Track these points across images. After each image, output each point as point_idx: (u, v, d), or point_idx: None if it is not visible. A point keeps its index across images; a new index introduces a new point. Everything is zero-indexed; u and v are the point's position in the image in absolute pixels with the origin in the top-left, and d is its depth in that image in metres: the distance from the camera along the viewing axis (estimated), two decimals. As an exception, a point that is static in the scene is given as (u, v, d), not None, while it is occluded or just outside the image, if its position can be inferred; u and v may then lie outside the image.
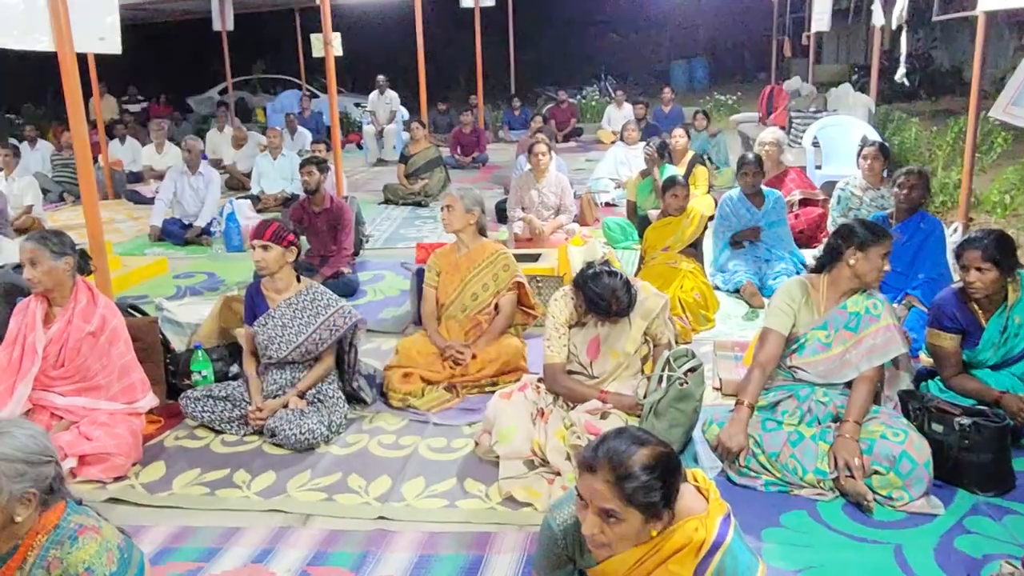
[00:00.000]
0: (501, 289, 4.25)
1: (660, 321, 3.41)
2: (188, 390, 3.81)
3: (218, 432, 3.70)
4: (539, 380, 3.49)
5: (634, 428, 1.87)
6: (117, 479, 3.31)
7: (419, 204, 9.17)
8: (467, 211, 4.23)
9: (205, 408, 3.70)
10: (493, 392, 3.59)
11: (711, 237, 5.85)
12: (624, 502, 1.75)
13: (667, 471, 1.79)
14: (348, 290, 5.71)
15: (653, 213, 5.90)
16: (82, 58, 4.86)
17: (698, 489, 1.96)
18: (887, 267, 3.12)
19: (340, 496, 3.15)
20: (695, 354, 3.28)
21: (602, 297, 3.19)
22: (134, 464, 3.41)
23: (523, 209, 6.74)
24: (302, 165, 6.08)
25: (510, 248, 6.01)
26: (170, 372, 4.06)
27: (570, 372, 3.42)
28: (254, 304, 3.79)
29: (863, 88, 11.72)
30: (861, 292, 3.16)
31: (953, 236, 5.14)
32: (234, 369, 4.13)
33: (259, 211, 8.29)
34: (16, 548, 1.85)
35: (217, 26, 14.00)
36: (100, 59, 9.86)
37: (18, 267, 3.73)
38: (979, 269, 3.28)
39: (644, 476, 1.74)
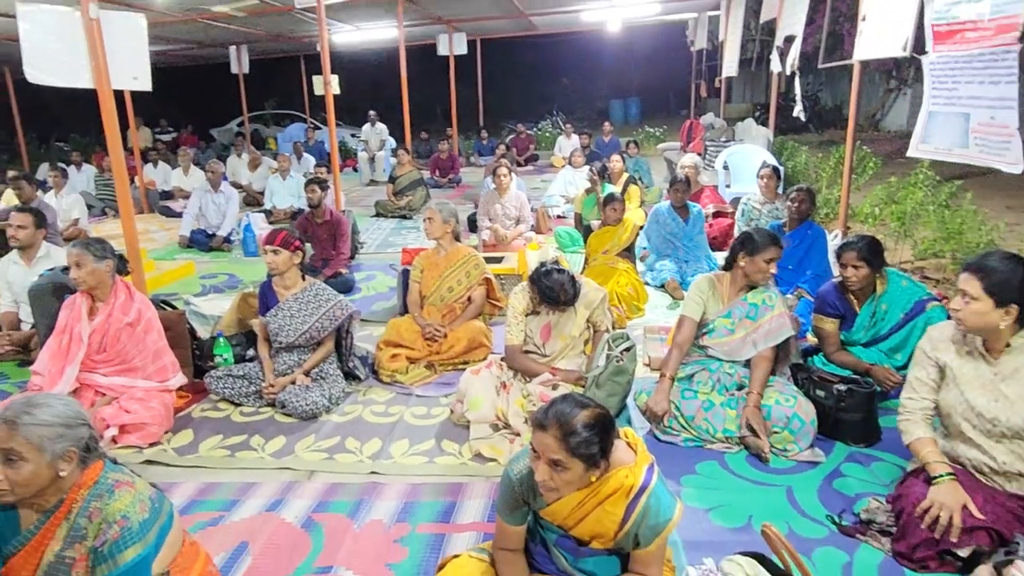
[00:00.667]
0: (473, 284, 4.27)
1: (600, 311, 3.44)
2: (211, 370, 3.76)
3: (237, 405, 3.67)
4: (502, 359, 3.50)
5: (577, 395, 1.89)
6: (152, 444, 3.28)
7: (404, 217, 9.12)
8: (444, 222, 4.25)
9: (226, 385, 3.66)
10: (465, 369, 3.59)
11: (642, 242, 5.89)
12: (569, 454, 1.77)
13: (603, 429, 1.80)
14: (346, 287, 5.67)
15: (595, 223, 5.92)
16: (119, 94, 4.76)
17: (628, 444, 1.97)
18: (772, 270, 3.14)
19: (339, 455, 3.14)
20: (629, 337, 3.32)
21: (552, 290, 3.24)
22: (166, 432, 3.38)
23: (490, 220, 6.74)
24: (307, 184, 6.02)
25: (480, 252, 6.03)
26: (196, 356, 4.00)
27: (527, 352, 3.44)
28: (267, 299, 3.76)
29: (763, 122, 11.89)
30: (759, 287, 3.22)
31: (834, 241, 5.23)
32: (250, 353, 4.08)
33: (271, 223, 8.18)
34: (62, 501, 1.82)
35: (235, 69, 13.82)
36: (135, 95, 9.65)
37: (66, 269, 3.65)
38: (855, 266, 3.36)
39: (585, 433, 1.76)
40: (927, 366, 2.42)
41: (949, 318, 3.39)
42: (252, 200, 10.36)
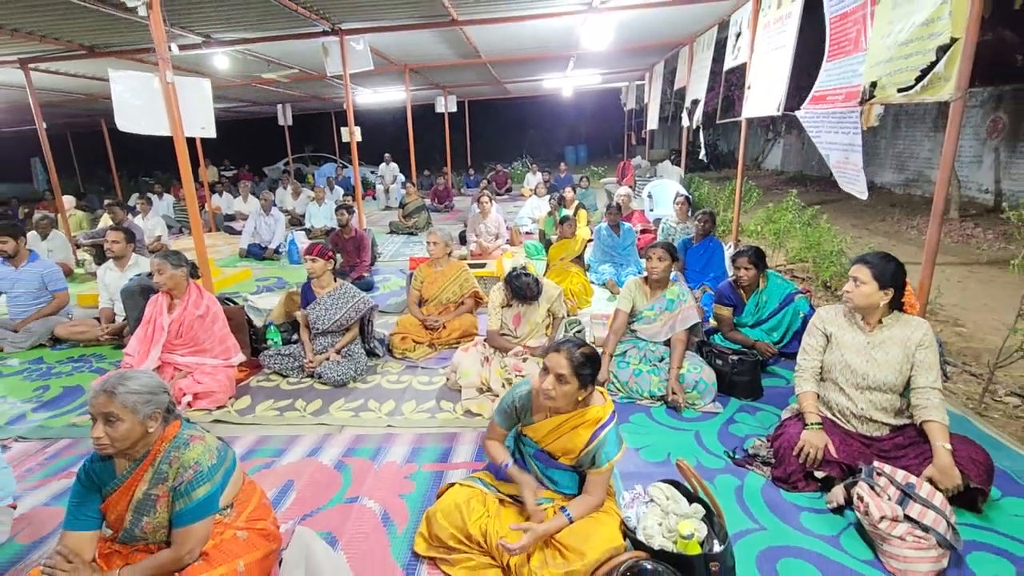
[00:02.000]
0: (464, 294, 4.23)
1: (558, 303, 3.45)
2: (264, 350, 3.70)
3: (284, 376, 3.60)
4: (485, 340, 3.49)
5: (577, 339, 1.99)
6: (219, 408, 3.21)
7: (411, 233, 9.01)
8: (445, 245, 4.20)
9: (276, 361, 3.60)
10: (457, 347, 3.56)
11: (589, 252, 5.91)
12: (572, 371, 1.90)
13: (593, 361, 1.93)
14: (367, 287, 5.60)
15: (554, 238, 5.93)
16: (191, 140, 4.64)
17: (601, 394, 2.05)
18: (658, 266, 3.12)
19: (363, 413, 3.10)
20: (580, 322, 3.34)
21: (521, 288, 3.25)
22: (230, 398, 3.30)
23: (475, 235, 6.71)
24: (338, 209, 5.94)
25: (468, 260, 6.00)
26: (252, 339, 3.91)
27: (503, 335, 3.43)
28: (307, 296, 3.70)
29: (677, 163, 12.01)
30: (673, 285, 3.24)
31: (729, 250, 5.29)
32: (294, 337, 4.01)
33: (310, 238, 8.05)
34: (148, 452, 1.78)
35: (281, 122, 13.54)
36: (204, 141, 9.44)
37: (150, 275, 3.55)
38: (746, 268, 3.40)
39: (582, 358, 1.91)
40: (817, 335, 2.42)
41: (811, 306, 3.48)
42: (295, 221, 10.18)
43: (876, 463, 2.12)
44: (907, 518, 1.93)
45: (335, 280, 3.71)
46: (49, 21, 5.06)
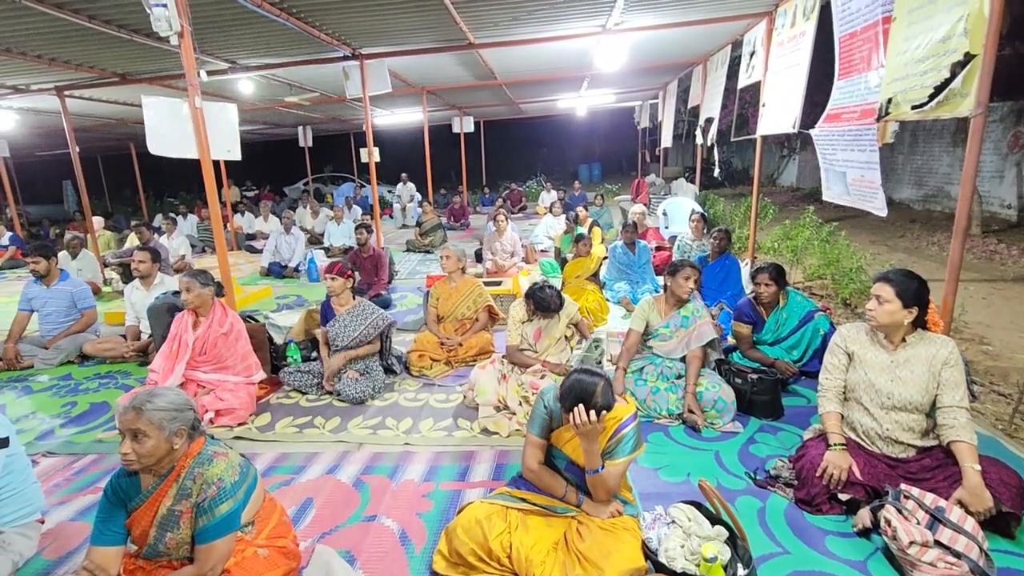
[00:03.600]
0: (478, 309, 4.25)
1: (577, 314, 3.49)
2: (284, 367, 3.73)
3: (304, 393, 3.63)
4: (503, 357, 3.48)
5: (589, 372, 1.97)
6: (240, 424, 3.24)
7: (428, 251, 9.08)
8: (458, 260, 4.24)
9: (295, 378, 3.63)
10: (474, 365, 3.57)
11: (605, 270, 5.90)
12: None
13: (610, 394, 1.94)
14: (385, 304, 5.64)
15: (570, 256, 5.93)
16: (216, 162, 4.76)
17: (624, 399, 2.10)
18: (690, 285, 3.11)
19: (381, 431, 3.11)
20: (600, 340, 3.35)
21: (545, 300, 3.28)
22: (251, 414, 3.34)
23: (491, 253, 6.75)
24: (357, 228, 6.02)
25: (484, 277, 6.03)
26: (273, 357, 3.95)
27: (522, 350, 3.43)
28: (327, 313, 3.73)
29: (691, 180, 12.00)
30: (689, 302, 3.23)
31: (745, 267, 5.25)
32: (313, 354, 4.05)
33: (329, 257, 8.17)
34: (172, 468, 1.80)
35: (302, 143, 13.81)
36: (228, 163, 9.68)
37: (176, 293, 3.63)
38: (766, 284, 3.36)
39: (602, 400, 1.91)
40: (839, 354, 2.38)
41: (831, 324, 3.43)
42: (315, 240, 10.34)
43: (903, 485, 2.06)
44: (937, 543, 1.87)
45: (353, 298, 3.75)
46: (85, 50, 5.27)
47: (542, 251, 8.32)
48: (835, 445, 2.27)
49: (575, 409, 1.90)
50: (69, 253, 6.52)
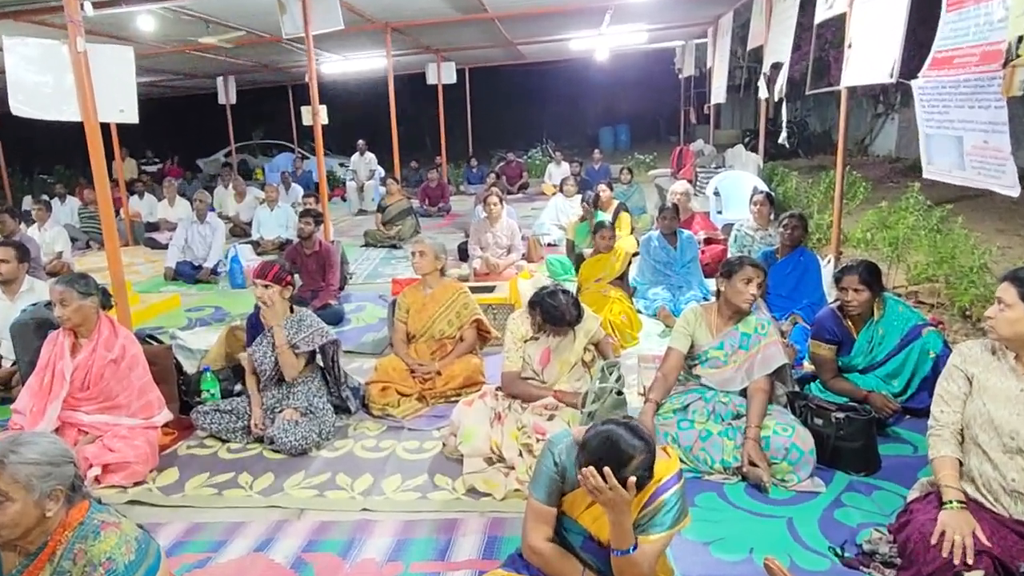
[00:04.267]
0: (463, 324, 4.27)
1: (598, 331, 3.52)
2: (198, 406, 3.73)
3: (224, 441, 3.63)
4: (497, 389, 3.49)
5: (626, 435, 1.93)
6: (136, 484, 3.23)
7: (394, 246, 9.12)
8: (436, 258, 4.26)
9: (213, 420, 3.63)
10: (458, 401, 3.57)
11: (635, 271, 5.92)
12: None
13: (650, 465, 1.93)
14: (335, 319, 5.65)
15: (587, 252, 5.97)
16: (105, 126, 4.78)
17: (666, 451, 2.09)
18: (751, 290, 3.13)
19: (330, 492, 3.11)
20: (618, 364, 3.36)
21: (557, 309, 3.27)
22: (151, 470, 3.33)
23: (481, 248, 6.77)
24: (303, 215, 6.05)
25: (472, 281, 6.04)
26: (182, 391, 3.96)
27: (525, 379, 3.45)
28: (255, 331, 3.74)
29: (753, 148, 12.05)
30: (750, 315, 3.23)
31: (827, 266, 5.27)
32: (237, 388, 4.05)
33: (259, 254, 8.15)
34: (46, 543, 1.79)
35: (222, 100, 13.91)
36: (121, 127, 9.68)
37: (49, 304, 3.63)
38: (855, 290, 3.38)
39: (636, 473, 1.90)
40: (957, 379, 2.39)
41: (945, 343, 3.44)
42: (239, 231, 10.36)
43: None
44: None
45: (291, 310, 3.76)
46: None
47: (549, 245, 8.36)
48: (951, 503, 2.26)
49: (593, 467, 1.88)
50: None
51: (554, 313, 3.29)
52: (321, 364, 3.90)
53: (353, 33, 9.30)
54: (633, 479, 1.87)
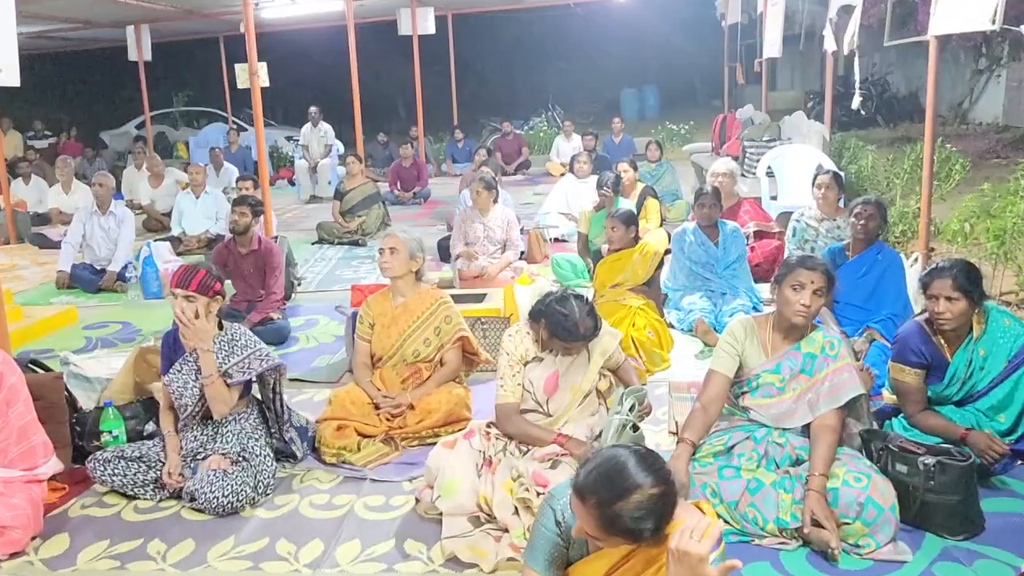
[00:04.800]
0: (445, 342, 4.25)
1: (616, 352, 3.51)
2: (97, 452, 3.69)
3: (131, 498, 3.58)
4: (488, 425, 3.47)
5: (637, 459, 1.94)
6: (13, 555, 3.18)
7: (355, 243, 9.13)
8: (411, 257, 4.23)
9: (116, 471, 3.59)
10: (436, 443, 3.54)
11: (666, 274, 5.91)
12: (609, 535, 1.92)
13: (658, 512, 1.90)
14: (278, 337, 5.65)
15: (605, 249, 5.94)
16: (-21, 90, 4.75)
17: (697, 507, 2.08)
18: (804, 300, 3.12)
19: (267, 564, 3.07)
20: (643, 392, 3.38)
21: (568, 318, 3.25)
22: (33, 538, 3.28)
23: (467, 245, 6.76)
24: (236, 204, 6.03)
25: (456, 288, 6.03)
26: (77, 433, 3.92)
27: (523, 411, 3.42)
28: (171, 354, 3.72)
29: (818, 115, 12.09)
30: (815, 330, 3.21)
31: (913, 267, 5.26)
32: (149, 427, 4.02)
33: (180, 254, 8.16)
34: None
35: (133, 56, 13.90)
36: (2, 92, 9.69)
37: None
38: (948, 299, 3.35)
39: (633, 522, 1.89)
40: None
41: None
42: (155, 225, 10.35)
43: None
44: None
45: (220, 327, 3.74)
46: None
47: (556, 241, 8.35)
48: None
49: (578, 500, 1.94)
50: None
51: (565, 324, 3.26)
52: (259, 397, 3.88)
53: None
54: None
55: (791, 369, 3.19)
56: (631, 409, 3.19)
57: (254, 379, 3.73)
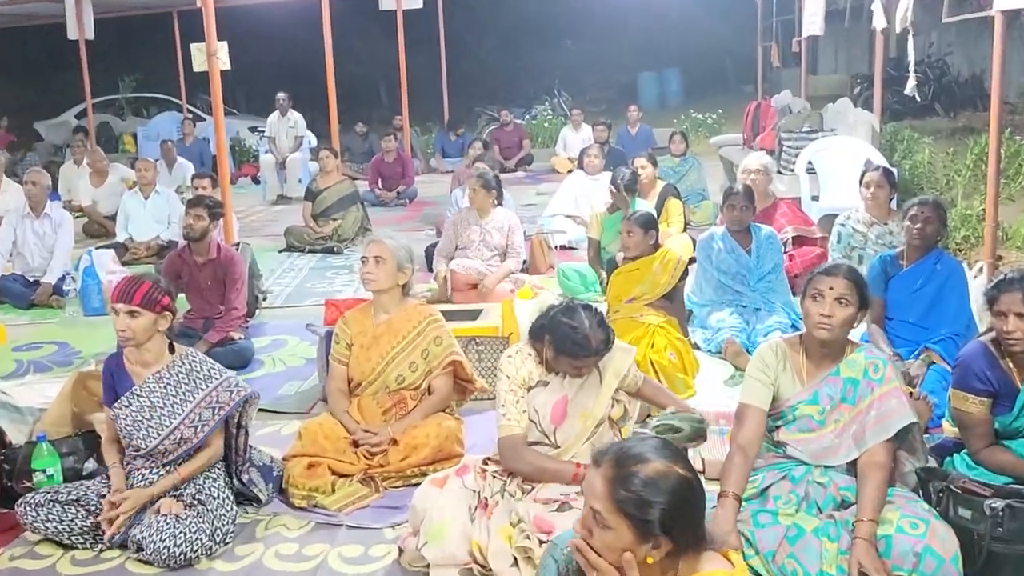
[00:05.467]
0: (434, 367, 4.25)
1: (632, 372, 3.51)
2: (28, 494, 3.68)
3: (67, 547, 3.56)
4: (485, 461, 3.46)
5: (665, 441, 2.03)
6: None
7: (330, 251, 9.14)
8: (399, 268, 4.23)
9: (50, 516, 3.57)
10: (420, 483, 3.53)
11: (691, 286, 5.91)
12: (614, 507, 1.92)
13: (676, 496, 1.92)
14: (240, 360, 5.65)
15: (620, 257, 5.94)
16: None
17: (725, 558, 2.08)
18: (820, 310, 3.12)
19: (226, 625, 3.07)
20: (698, 421, 3.38)
21: (577, 331, 3.26)
22: (-47, 594, 3.29)
23: (458, 250, 6.78)
24: (191, 205, 6.04)
25: (447, 304, 6.02)
26: (5, 472, 3.92)
27: (532, 445, 3.41)
28: (115, 381, 3.71)
29: (866, 103, 12.09)
30: (858, 351, 3.21)
31: (977, 278, 5.25)
32: (90, 466, 4.01)
33: (125, 263, 8.16)
34: None
35: (73, 34, 13.86)
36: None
37: None
38: (1019, 316, 3.35)
39: (643, 489, 1.91)
40: None
41: None
42: (96, 229, 10.35)
43: None
44: None
45: (171, 349, 3.74)
46: None
47: (563, 248, 8.36)
48: None
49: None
50: None
51: (573, 337, 3.26)
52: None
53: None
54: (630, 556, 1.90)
55: (831, 398, 3.18)
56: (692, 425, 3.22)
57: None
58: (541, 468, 3.33)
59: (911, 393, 3.47)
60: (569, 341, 3.28)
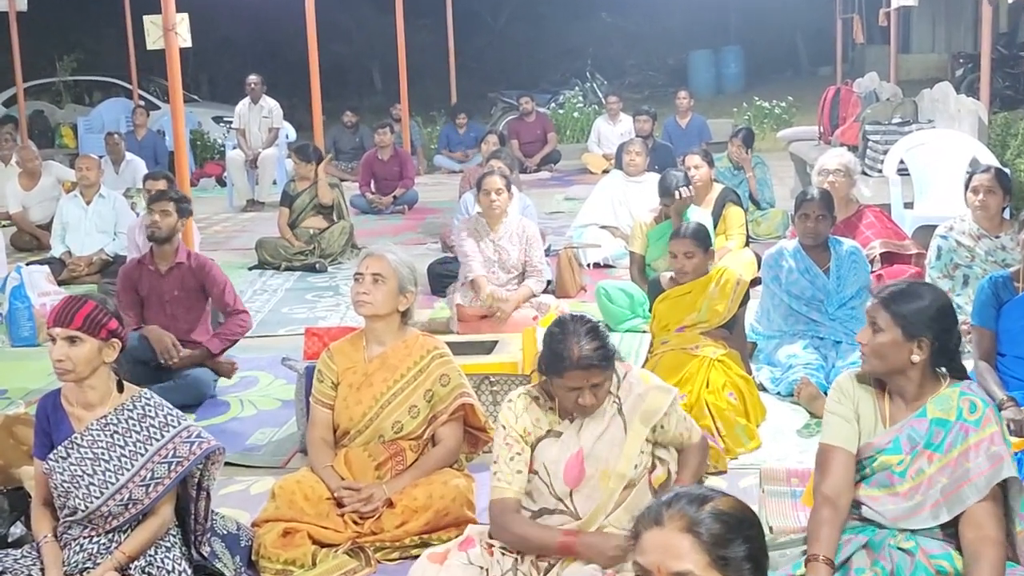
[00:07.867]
0: (439, 413, 4.24)
1: (673, 419, 3.46)
2: (-58, 562, 3.71)
3: (-11, 630, 3.59)
4: (491, 535, 3.46)
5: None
6: None
7: (311, 268, 9.16)
8: (401, 291, 4.21)
9: (-32, 590, 3.60)
10: (420, 554, 3.55)
11: (756, 313, 5.89)
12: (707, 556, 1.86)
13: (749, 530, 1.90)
14: (192, 396, 5.64)
15: (667, 276, 5.91)
16: None
17: None
18: (871, 339, 3.13)
19: None
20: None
21: (554, 337, 3.28)
22: None
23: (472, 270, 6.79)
24: (155, 200, 6.08)
25: (453, 335, 6.02)
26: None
27: (541, 513, 3.40)
28: (51, 426, 3.72)
29: (971, 88, 12.08)
30: (950, 388, 3.19)
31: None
32: (16, 531, 4.03)
33: (62, 283, 8.21)
34: None
35: (3, 6, 14.00)
36: None
37: None
38: None
39: (720, 527, 1.86)
40: None
41: None
42: (27, 241, 10.42)
43: None
44: None
45: (119, 388, 3.75)
46: None
47: (598, 266, 8.35)
48: None
49: None
50: None
51: (553, 345, 3.27)
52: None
53: None
54: None
55: (912, 443, 3.13)
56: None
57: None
58: (523, 537, 3.31)
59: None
60: (549, 351, 3.28)
